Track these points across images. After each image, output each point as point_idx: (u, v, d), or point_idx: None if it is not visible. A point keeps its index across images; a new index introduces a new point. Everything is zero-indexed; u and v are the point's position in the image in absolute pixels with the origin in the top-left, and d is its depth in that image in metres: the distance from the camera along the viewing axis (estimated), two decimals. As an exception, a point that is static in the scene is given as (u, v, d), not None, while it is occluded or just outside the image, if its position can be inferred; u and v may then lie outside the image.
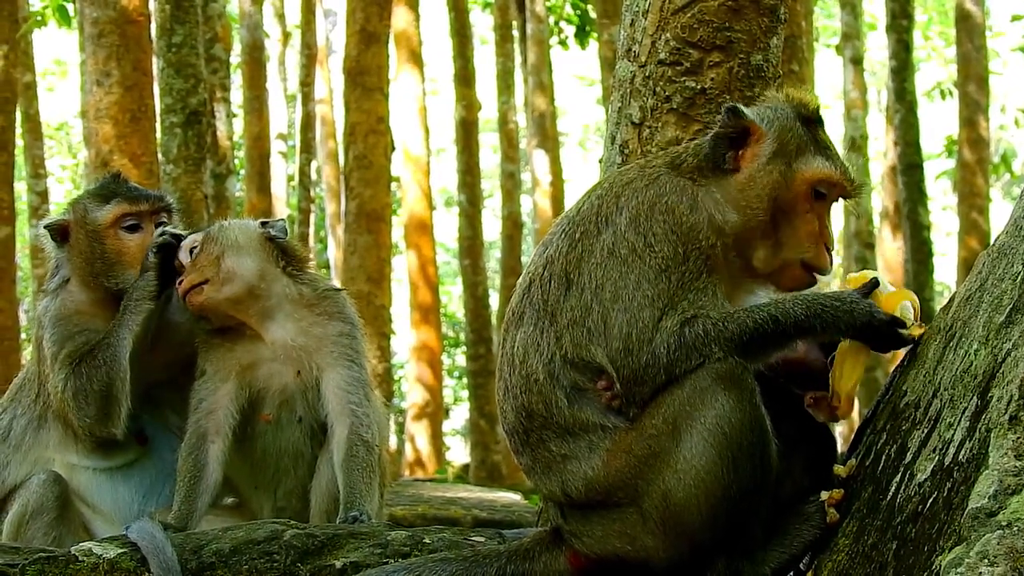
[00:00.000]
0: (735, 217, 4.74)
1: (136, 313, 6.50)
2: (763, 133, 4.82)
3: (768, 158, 4.79)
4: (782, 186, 4.76)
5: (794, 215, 4.78)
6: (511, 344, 4.78)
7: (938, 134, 37.21)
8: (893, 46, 24.99)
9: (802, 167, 4.79)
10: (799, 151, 4.81)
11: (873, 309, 4.58)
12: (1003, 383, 3.69)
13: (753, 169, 4.78)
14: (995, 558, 3.17)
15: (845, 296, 4.62)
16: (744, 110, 4.85)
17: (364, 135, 21.27)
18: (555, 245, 4.80)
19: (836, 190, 4.87)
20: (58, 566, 5.22)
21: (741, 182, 4.78)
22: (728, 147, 4.82)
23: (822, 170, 4.81)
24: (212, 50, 21.19)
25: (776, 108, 4.94)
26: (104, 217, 6.74)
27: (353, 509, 6.08)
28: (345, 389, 6.40)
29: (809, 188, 4.79)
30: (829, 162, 4.83)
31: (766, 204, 4.74)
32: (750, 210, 4.75)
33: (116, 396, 6.46)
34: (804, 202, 4.79)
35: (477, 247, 29.83)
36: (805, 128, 4.88)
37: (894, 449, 4.33)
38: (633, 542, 4.58)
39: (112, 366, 6.45)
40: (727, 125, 4.83)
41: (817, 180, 4.80)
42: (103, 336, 6.52)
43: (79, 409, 6.48)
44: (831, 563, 4.29)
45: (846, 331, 4.59)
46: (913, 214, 24.09)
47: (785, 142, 4.82)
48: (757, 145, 4.81)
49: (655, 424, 4.50)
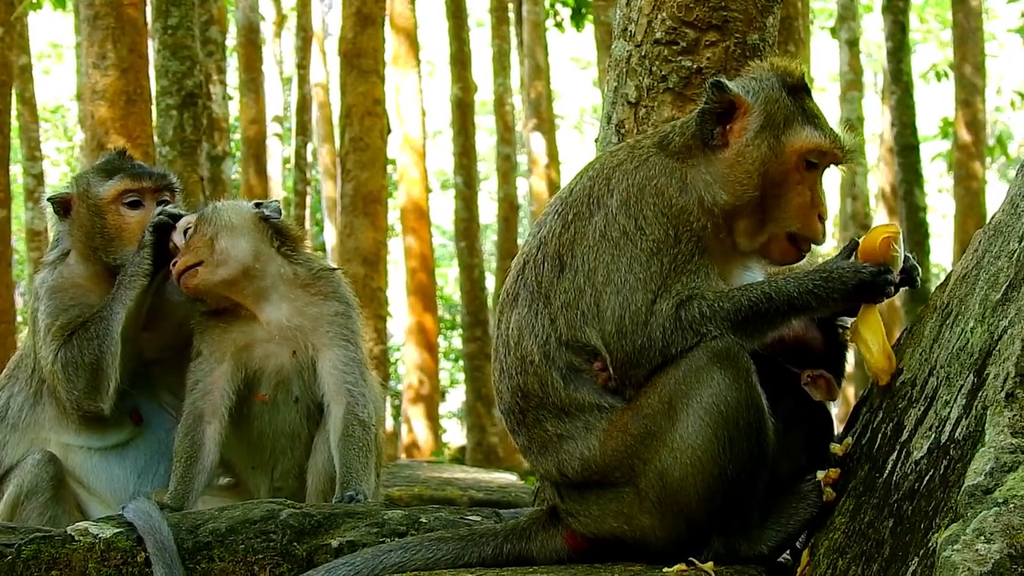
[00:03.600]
0: (725, 195, 4.71)
1: (130, 289, 6.50)
2: (749, 106, 4.78)
3: (756, 131, 4.76)
4: (772, 159, 4.73)
5: (785, 187, 4.74)
6: (506, 325, 4.78)
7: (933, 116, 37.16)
8: (889, 27, 24.99)
9: (791, 138, 4.76)
10: (787, 122, 4.78)
11: (858, 267, 4.57)
12: (999, 360, 3.69)
13: (741, 144, 4.75)
14: (991, 535, 3.17)
15: (829, 266, 4.61)
16: (728, 84, 4.82)
17: (360, 117, 21.24)
18: (548, 226, 4.80)
19: (827, 158, 4.83)
20: (54, 546, 5.22)
21: (730, 158, 4.75)
22: (715, 123, 4.79)
23: (812, 139, 4.77)
24: (208, 32, 21.19)
25: (761, 79, 4.89)
26: (106, 192, 6.75)
27: (349, 489, 6.08)
28: (341, 369, 6.39)
29: (800, 159, 4.76)
30: (818, 131, 4.79)
31: (756, 179, 4.71)
32: (740, 186, 4.72)
33: (106, 370, 6.46)
34: (795, 173, 4.76)
35: (473, 229, 29.80)
36: (792, 97, 4.84)
37: (890, 427, 4.34)
38: (630, 521, 4.58)
39: (104, 339, 6.45)
40: (712, 100, 4.79)
41: (807, 150, 4.76)
42: (97, 310, 6.52)
43: (68, 381, 6.48)
44: (827, 541, 4.29)
45: (841, 298, 4.57)
46: (909, 195, 24.07)
47: (772, 113, 4.78)
48: (744, 119, 4.78)
49: (651, 403, 4.50)
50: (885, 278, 4.55)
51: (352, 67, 21.55)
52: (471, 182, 29.96)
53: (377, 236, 21.37)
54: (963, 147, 27.40)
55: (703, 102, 4.83)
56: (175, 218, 6.56)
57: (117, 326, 6.47)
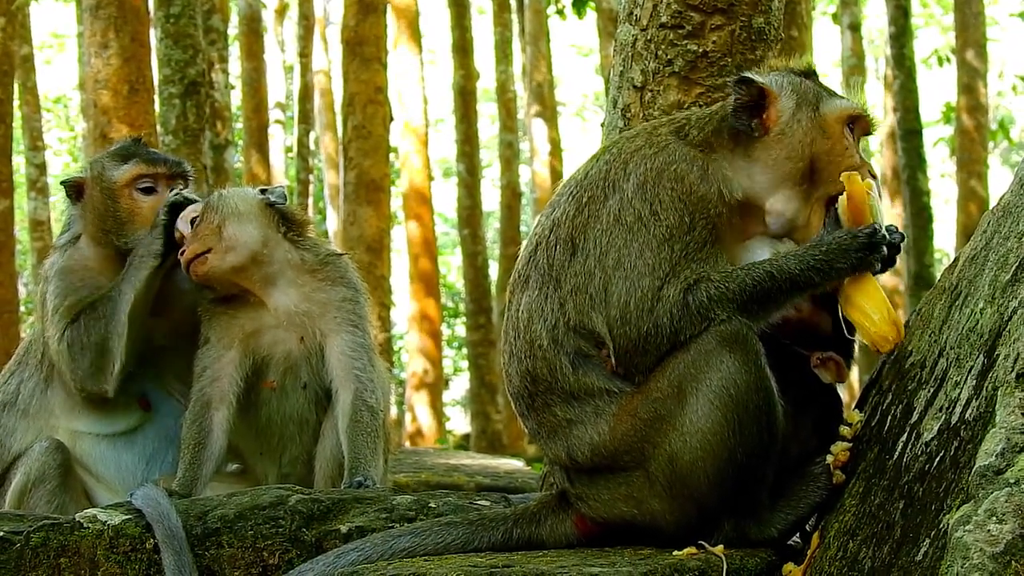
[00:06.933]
0: (761, 176, 4.78)
1: (140, 269, 6.50)
2: (777, 93, 4.86)
3: (793, 111, 4.84)
4: (817, 132, 4.82)
5: (835, 154, 4.81)
6: (516, 308, 4.78)
7: (936, 101, 37.13)
8: (892, 12, 24.97)
9: (830, 109, 4.88)
10: (818, 98, 4.90)
11: (854, 233, 4.59)
12: (1009, 341, 3.68)
13: (783, 124, 4.82)
14: (1003, 515, 3.17)
15: (824, 239, 4.63)
16: (754, 76, 4.89)
17: (363, 105, 21.25)
18: (562, 208, 4.80)
19: (861, 125, 4.96)
20: (63, 533, 5.22)
21: (772, 139, 4.81)
22: (750, 116, 4.84)
23: (849, 107, 4.91)
24: (210, 21, 21.18)
25: (776, 72, 5.00)
26: (120, 176, 6.75)
27: (358, 474, 6.08)
28: (349, 355, 6.39)
29: (843, 125, 4.86)
30: (849, 101, 4.93)
31: (804, 150, 4.79)
32: (785, 159, 4.78)
33: (111, 350, 6.47)
34: (841, 140, 4.85)
35: (476, 217, 29.81)
36: (810, 80, 4.97)
37: (900, 409, 4.34)
38: (640, 505, 4.59)
39: (111, 320, 6.45)
40: (743, 94, 4.85)
41: (847, 117, 4.88)
42: (105, 291, 6.53)
43: (72, 360, 6.48)
44: (838, 524, 4.29)
45: (843, 268, 4.57)
46: (913, 180, 24.08)
47: (802, 92, 4.89)
48: (777, 104, 4.85)
49: (661, 387, 4.50)
50: (881, 237, 4.57)
51: (354, 55, 21.55)
52: (474, 169, 29.95)
53: (380, 224, 21.38)
54: (965, 132, 27.35)
55: (732, 99, 4.87)
56: (190, 202, 6.56)
57: (125, 307, 6.47)
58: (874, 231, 4.57)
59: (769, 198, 4.79)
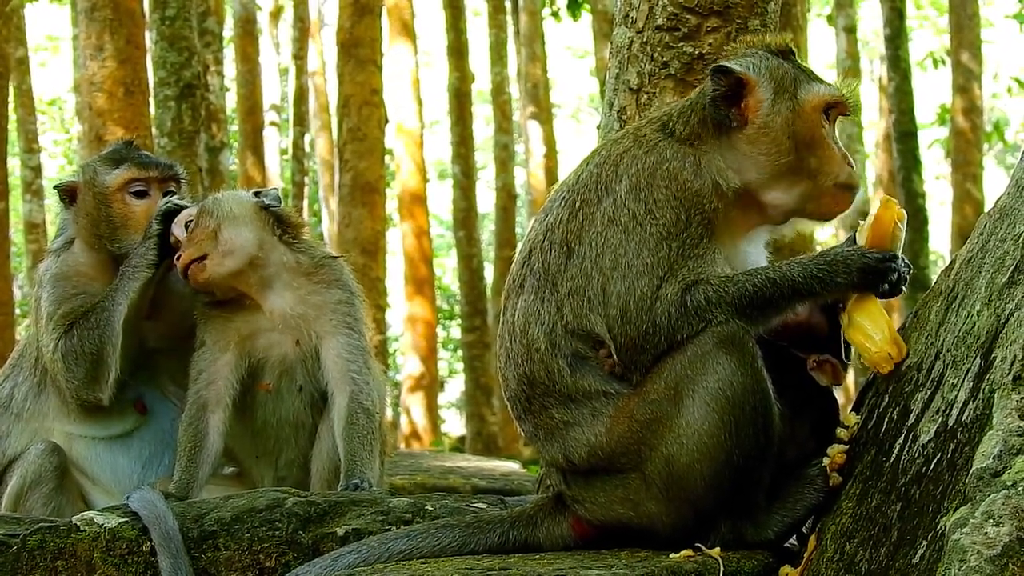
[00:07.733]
0: (752, 170, 4.77)
1: (133, 280, 6.49)
2: (755, 80, 4.83)
3: (772, 100, 4.81)
4: (797, 120, 4.79)
5: (815, 143, 4.80)
6: (512, 312, 4.78)
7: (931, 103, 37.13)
8: (887, 13, 24.95)
9: (808, 95, 4.84)
10: (796, 83, 4.86)
11: (863, 253, 4.59)
12: (1006, 343, 3.68)
13: (763, 115, 4.80)
14: (1000, 518, 3.17)
15: (834, 251, 4.64)
16: (731, 65, 4.85)
17: (358, 107, 21.24)
18: (555, 213, 4.79)
19: (839, 109, 4.93)
20: (59, 536, 5.21)
21: (753, 132, 4.79)
22: (728, 106, 4.81)
23: (827, 92, 4.87)
24: (205, 23, 21.17)
25: (752, 54, 4.96)
26: (112, 181, 6.74)
27: (354, 477, 6.08)
28: (345, 357, 6.39)
29: (820, 113, 4.83)
30: (825, 85, 4.89)
31: (788, 142, 4.77)
32: (772, 153, 4.76)
33: (106, 360, 6.46)
34: (819, 128, 4.82)
35: (471, 219, 29.81)
36: (787, 62, 4.92)
37: (896, 411, 4.33)
38: (636, 507, 4.59)
39: (105, 330, 6.45)
40: (720, 84, 4.82)
41: (825, 103, 4.85)
42: (99, 300, 6.52)
43: (67, 370, 6.48)
44: (834, 526, 4.29)
45: (846, 284, 4.57)
46: (908, 182, 24.06)
47: (780, 79, 4.85)
48: (755, 92, 4.82)
49: (657, 389, 4.50)
50: (890, 264, 4.56)
51: (350, 56, 21.54)
52: (469, 171, 29.95)
53: (375, 226, 21.36)
54: (960, 134, 27.37)
55: (710, 89, 4.84)
56: (182, 208, 6.55)
57: (119, 316, 6.46)
58: (885, 257, 4.57)
59: (765, 191, 4.79)
